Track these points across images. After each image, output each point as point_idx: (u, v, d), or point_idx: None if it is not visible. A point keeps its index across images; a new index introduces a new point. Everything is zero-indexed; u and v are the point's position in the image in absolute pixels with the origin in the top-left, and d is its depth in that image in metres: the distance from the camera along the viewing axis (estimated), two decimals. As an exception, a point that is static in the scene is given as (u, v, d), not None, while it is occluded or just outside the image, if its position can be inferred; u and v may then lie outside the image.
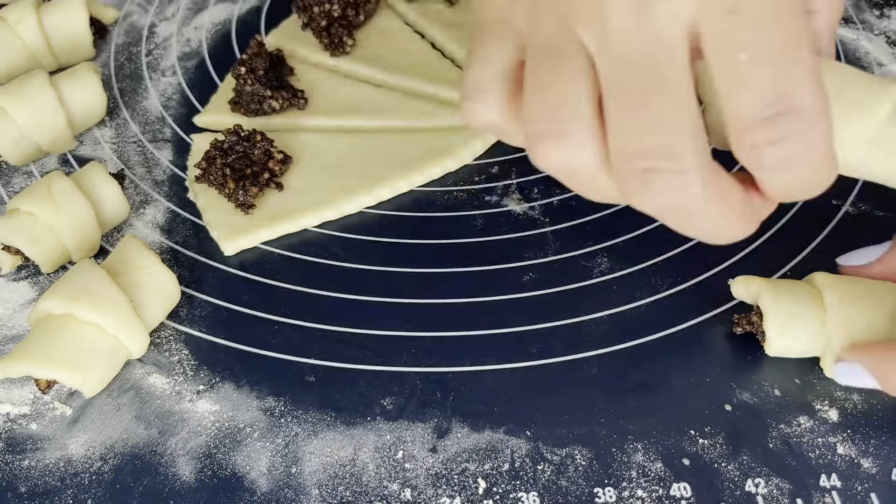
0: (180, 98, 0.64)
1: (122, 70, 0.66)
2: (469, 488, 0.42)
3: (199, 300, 0.50)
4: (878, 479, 0.42)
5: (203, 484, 0.42)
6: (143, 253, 0.48)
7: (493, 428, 0.44)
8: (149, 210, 0.56)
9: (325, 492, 0.42)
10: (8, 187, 0.57)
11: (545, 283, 0.51)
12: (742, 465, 0.43)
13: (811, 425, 0.44)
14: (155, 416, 0.45)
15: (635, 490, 0.42)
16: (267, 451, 0.43)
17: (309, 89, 0.60)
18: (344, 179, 0.55)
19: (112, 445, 0.44)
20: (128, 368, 0.47)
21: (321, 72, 0.63)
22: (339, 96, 0.60)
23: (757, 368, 0.47)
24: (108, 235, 0.54)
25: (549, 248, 0.53)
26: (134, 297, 0.46)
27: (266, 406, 0.45)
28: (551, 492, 0.42)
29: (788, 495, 0.41)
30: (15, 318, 0.50)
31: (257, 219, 0.53)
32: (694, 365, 0.45)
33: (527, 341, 0.48)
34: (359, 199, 0.55)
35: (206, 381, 0.47)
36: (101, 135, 0.61)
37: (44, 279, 0.51)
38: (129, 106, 0.63)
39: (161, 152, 0.60)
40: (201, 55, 0.67)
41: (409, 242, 0.53)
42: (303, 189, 0.55)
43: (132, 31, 0.69)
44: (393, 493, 0.42)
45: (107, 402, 0.46)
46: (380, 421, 0.45)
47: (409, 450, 0.44)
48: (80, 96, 0.58)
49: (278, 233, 0.53)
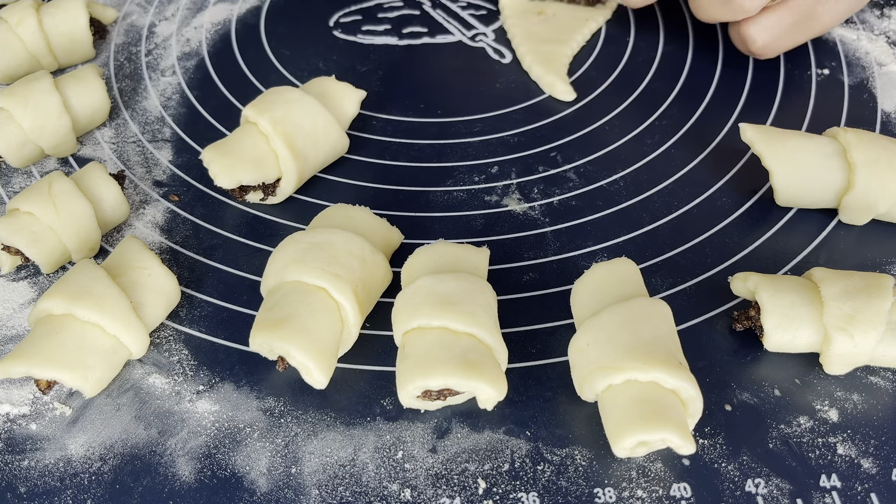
0: (180, 98, 0.64)
1: (122, 70, 0.66)
2: (469, 488, 0.42)
3: (199, 300, 0.50)
4: (878, 479, 0.42)
5: (203, 484, 0.42)
6: (143, 253, 0.48)
7: (493, 428, 0.44)
8: (149, 210, 0.56)
9: (324, 492, 0.42)
10: (8, 187, 0.57)
11: (545, 283, 0.51)
12: (742, 465, 0.43)
13: (811, 425, 0.44)
14: (155, 416, 0.45)
15: (635, 490, 0.42)
16: (267, 452, 0.43)
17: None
18: None
19: (112, 446, 0.44)
20: (128, 368, 0.47)
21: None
22: None
23: (757, 368, 0.47)
24: (108, 235, 0.54)
25: (549, 248, 0.53)
26: (134, 297, 0.46)
27: (266, 406, 0.45)
28: (551, 492, 0.42)
29: (788, 495, 0.41)
30: (15, 318, 0.50)
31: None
32: (694, 365, 0.45)
33: (527, 341, 0.48)
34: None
35: (205, 381, 0.47)
36: (101, 135, 0.61)
37: (44, 279, 0.51)
38: (129, 106, 0.63)
39: (161, 152, 0.59)
40: (201, 55, 0.67)
41: (408, 242, 0.53)
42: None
43: (132, 31, 0.69)
44: (393, 493, 0.42)
45: (107, 403, 0.46)
46: (380, 421, 0.45)
47: (409, 450, 0.44)
48: (84, 100, 0.58)
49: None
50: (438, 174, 0.58)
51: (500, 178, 0.58)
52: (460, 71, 0.67)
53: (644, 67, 0.66)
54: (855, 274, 0.45)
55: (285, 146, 0.52)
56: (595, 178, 0.58)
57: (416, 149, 0.60)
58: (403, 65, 0.67)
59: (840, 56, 0.66)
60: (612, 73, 0.66)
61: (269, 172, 0.53)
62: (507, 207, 0.56)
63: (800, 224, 0.54)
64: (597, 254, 0.53)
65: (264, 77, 0.65)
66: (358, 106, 0.60)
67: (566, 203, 0.56)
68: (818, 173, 0.52)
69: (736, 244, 0.53)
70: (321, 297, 0.44)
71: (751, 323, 0.47)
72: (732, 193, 0.56)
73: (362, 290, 0.46)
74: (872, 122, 0.61)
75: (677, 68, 0.66)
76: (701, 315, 0.49)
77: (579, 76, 0.66)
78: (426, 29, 0.70)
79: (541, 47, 0.66)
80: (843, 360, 0.44)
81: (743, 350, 0.47)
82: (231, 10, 0.71)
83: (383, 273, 0.48)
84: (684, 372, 0.40)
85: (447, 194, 0.56)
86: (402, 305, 0.44)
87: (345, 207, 0.52)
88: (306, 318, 0.43)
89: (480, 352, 0.42)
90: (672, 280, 0.51)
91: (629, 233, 0.54)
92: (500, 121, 0.62)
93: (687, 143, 0.60)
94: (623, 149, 0.60)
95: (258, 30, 0.70)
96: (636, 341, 0.41)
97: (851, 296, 0.44)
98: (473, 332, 0.43)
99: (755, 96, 0.63)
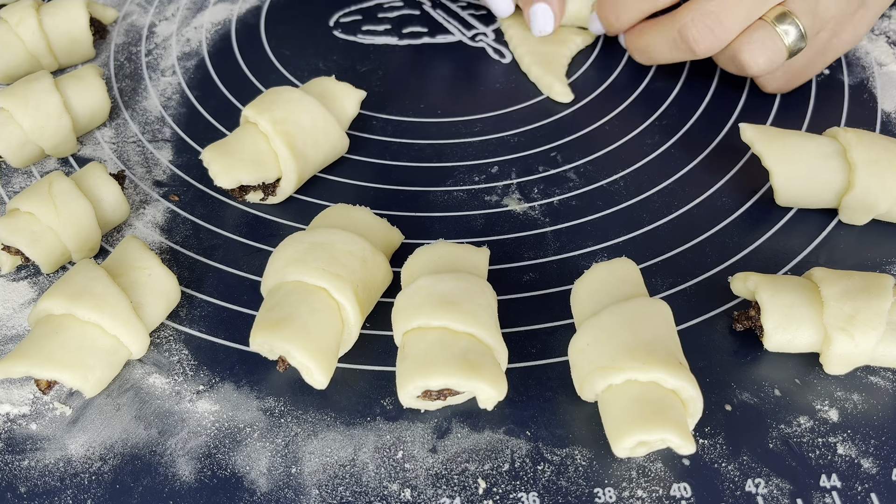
0: (180, 98, 0.64)
1: (122, 70, 0.66)
2: (469, 488, 0.42)
3: (199, 300, 0.50)
4: (878, 479, 0.42)
5: (203, 484, 0.42)
6: (144, 253, 0.48)
7: (493, 428, 0.44)
8: (149, 210, 0.56)
9: (324, 492, 0.42)
10: (8, 187, 0.57)
11: (545, 283, 0.51)
12: (742, 465, 0.43)
13: (811, 425, 0.44)
14: (155, 416, 0.45)
15: (635, 490, 0.42)
16: (267, 452, 0.43)
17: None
18: None
19: (112, 445, 0.44)
20: (128, 368, 0.47)
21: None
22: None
23: (757, 368, 0.47)
24: (108, 235, 0.54)
25: (549, 248, 0.53)
26: (134, 297, 0.46)
27: (266, 406, 0.45)
28: (551, 492, 0.42)
29: (788, 495, 0.41)
30: (15, 318, 0.50)
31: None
32: (694, 365, 0.45)
33: (527, 341, 0.48)
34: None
35: (206, 381, 0.47)
36: (101, 135, 0.61)
37: (44, 279, 0.51)
38: (129, 106, 0.63)
39: (161, 152, 0.59)
40: (201, 55, 0.67)
41: (409, 242, 0.53)
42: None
43: (132, 31, 0.69)
44: (393, 493, 0.42)
45: (107, 402, 0.46)
46: (380, 421, 0.45)
47: (409, 450, 0.44)
48: (85, 101, 0.58)
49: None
50: (438, 174, 0.58)
51: (500, 178, 0.58)
52: (460, 71, 0.67)
53: (644, 67, 0.66)
54: (855, 274, 0.45)
55: (285, 146, 0.52)
56: (595, 178, 0.58)
57: (416, 149, 0.60)
58: (403, 65, 0.67)
59: (840, 56, 0.66)
60: (612, 73, 0.66)
61: (269, 172, 0.53)
62: (507, 207, 0.56)
63: (800, 224, 0.54)
64: (597, 254, 0.53)
65: (264, 77, 0.65)
66: (358, 106, 0.60)
67: (566, 203, 0.56)
68: (818, 173, 0.52)
69: (736, 244, 0.53)
70: (322, 297, 0.44)
71: (751, 323, 0.47)
72: (732, 193, 0.56)
73: (363, 290, 0.46)
74: (872, 122, 0.61)
75: (677, 68, 0.66)
76: (701, 315, 0.49)
77: (579, 76, 0.66)
78: (426, 29, 0.70)
79: (539, 48, 0.66)
80: (844, 360, 0.44)
81: (743, 350, 0.47)
82: (231, 10, 0.71)
83: (384, 273, 0.48)
84: (684, 372, 0.40)
85: (447, 194, 0.56)
86: (402, 305, 0.44)
87: (345, 207, 0.52)
88: (307, 318, 0.43)
89: (480, 352, 0.42)
90: (672, 280, 0.51)
91: (629, 233, 0.54)
92: (500, 121, 0.62)
93: (687, 143, 0.60)
94: (623, 149, 0.60)
95: (258, 30, 0.70)
96: (636, 341, 0.41)
97: (852, 296, 0.44)
98: (473, 332, 0.43)
99: (755, 96, 0.63)
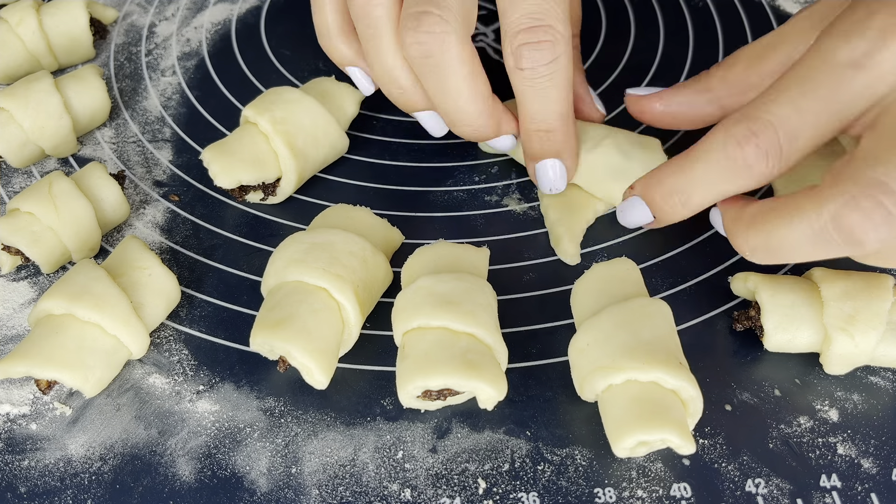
0: (180, 98, 0.64)
1: (122, 70, 0.66)
2: (469, 488, 0.42)
3: (199, 300, 0.50)
4: (878, 479, 0.42)
5: (203, 484, 0.42)
6: (144, 253, 0.48)
7: (493, 428, 0.44)
8: (149, 210, 0.56)
9: (324, 492, 0.42)
10: (8, 187, 0.57)
11: (545, 283, 0.51)
12: (742, 465, 0.43)
13: (811, 425, 0.44)
14: (155, 416, 0.45)
15: (635, 490, 0.42)
16: (267, 452, 0.43)
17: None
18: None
19: (112, 445, 0.44)
20: (128, 368, 0.47)
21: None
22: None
23: (757, 368, 0.47)
24: (109, 235, 0.54)
25: (549, 248, 0.53)
26: (134, 297, 0.46)
27: (266, 406, 0.45)
28: (551, 492, 0.42)
29: (788, 495, 0.41)
30: (15, 318, 0.50)
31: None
32: (694, 365, 0.45)
33: (527, 341, 0.48)
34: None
35: (206, 381, 0.47)
36: (101, 135, 0.61)
37: (44, 279, 0.51)
38: (129, 106, 0.63)
39: (161, 152, 0.60)
40: (201, 55, 0.67)
41: (409, 242, 0.53)
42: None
43: (132, 31, 0.69)
44: (393, 493, 0.42)
45: (107, 402, 0.46)
46: (380, 421, 0.45)
47: (409, 450, 0.44)
48: (85, 101, 0.58)
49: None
50: (438, 174, 0.58)
51: (500, 178, 0.57)
52: (460, 71, 0.67)
53: (644, 67, 0.66)
54: (855, 274, 0.45)
55: (285, 146, 0.52)
56: (595, 178, 0.58)
57: (416, 149, 0.60)
58: (403, 65, 0.67)
59: None
60: (612, 73, 0.66)
61: (269, 172, 0.53)
62: (507, 207, 0.56)
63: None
64: (597, 254, 0.53)
65: (264, 77, 0.65)
66: (358, 106, 0.60)
67: (566, 203, 0.56)
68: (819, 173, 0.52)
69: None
70: (322, 297, 0.44)
71: (751, 323, 0.47)
72: (732, 193, 0.56)
73: (363, 290, 0.46)
74: (872, 122, 0.61)
75: (677, 68, 0.66)
76: (701, 315, 0.49)
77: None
78: (426, 29, 0.70)
79: (568, 193, 0.55)
80: (844, 360, 0.44)
81: (743, 350, 0.47)
82: (231, 10, 0.71)
83: (384, 273, 0.48)
84: (684, 372, 0.40)
85: (447, 194, 0.56)
86: (402, 305, 0.44)
87: (345, 208, 0.52)
88: (307, 318, 0.43)
89: (480, 352, 0.42)
90: (672, 280, 0.51)
91: (629, 233, 0.54)
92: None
93: (687, 143, 0.60)
94: (623, 149, 0.60)
95: (258, 30, 0.70)
96: (636, 341, 0.41)
97: (851, 296, 0.44)
98: (473, 331, 0.43)
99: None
